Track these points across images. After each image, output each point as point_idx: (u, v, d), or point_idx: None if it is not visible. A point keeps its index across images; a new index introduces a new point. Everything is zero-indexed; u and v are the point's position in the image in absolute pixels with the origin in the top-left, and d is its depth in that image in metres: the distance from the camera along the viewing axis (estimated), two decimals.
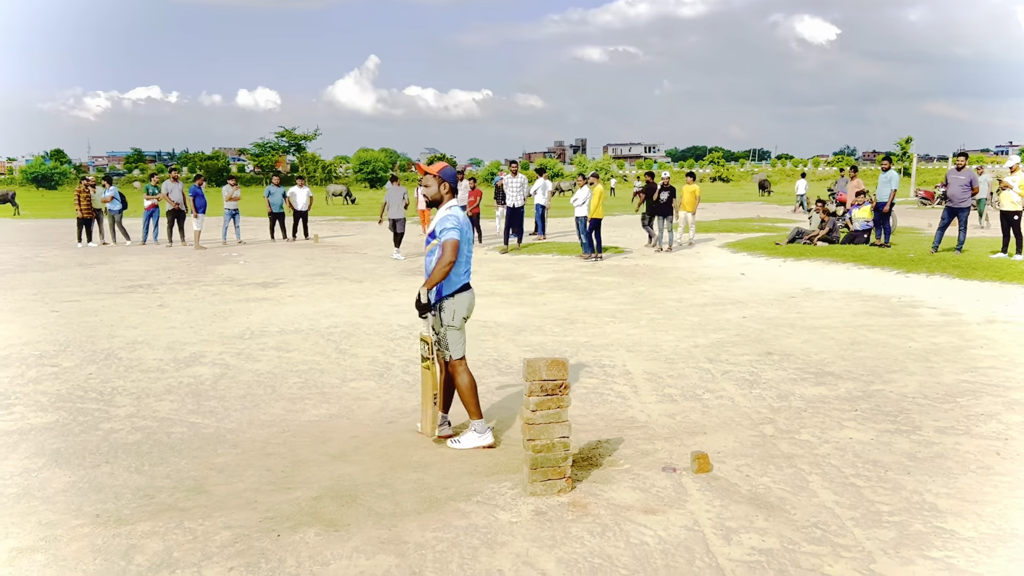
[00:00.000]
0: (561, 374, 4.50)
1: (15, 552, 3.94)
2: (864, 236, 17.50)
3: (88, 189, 20.84)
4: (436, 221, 5.38)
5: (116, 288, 13.00)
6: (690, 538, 4.04)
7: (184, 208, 20.98)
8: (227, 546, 3.98)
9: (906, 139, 78.94)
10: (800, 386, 6.86)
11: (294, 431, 5.83)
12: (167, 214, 20.91)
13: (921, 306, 10.57)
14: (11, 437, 5.68)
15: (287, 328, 9.53)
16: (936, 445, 5.38)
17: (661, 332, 9.15)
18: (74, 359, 7.99)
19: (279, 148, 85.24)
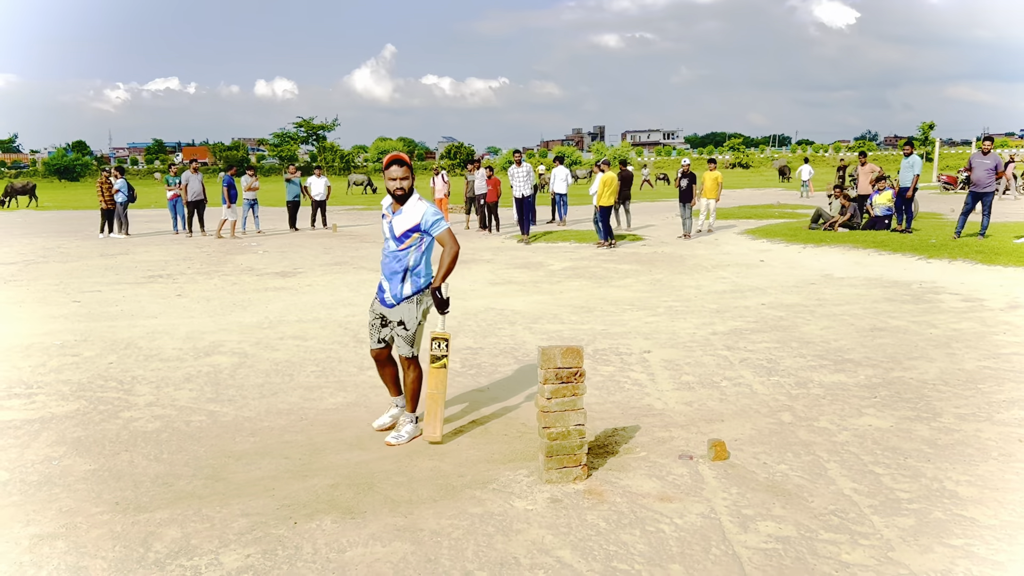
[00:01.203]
0: (576, 362, 4.48)
1: (37, 539, 3.98)
2: (885, 222, 17.34)
3: (109, 180, 20.99)
4: (410, 215, 5.17)
5: (136, 278, 13.10)
6: (706, 526, 4.02)
7: (204, 199, 21.10)
8: (244, 533, 4.01)
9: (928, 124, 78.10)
10: (819, 373, 6.81)
11: (311, 419, 5.86)
12: (187, 204, 21.02)
13: (943, 292, 10.46)
14: (33, 425, 5.74)
15: (305, 317, 9.57)
16: (957, 432, 5.32)
17: (679, 319, 9.11)
18: (95, 348, 8.07)
19: (297, 138, 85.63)
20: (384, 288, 5.32)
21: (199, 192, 20.96)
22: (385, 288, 5.31)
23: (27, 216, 30.46)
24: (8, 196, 35.95)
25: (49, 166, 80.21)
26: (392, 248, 5.26)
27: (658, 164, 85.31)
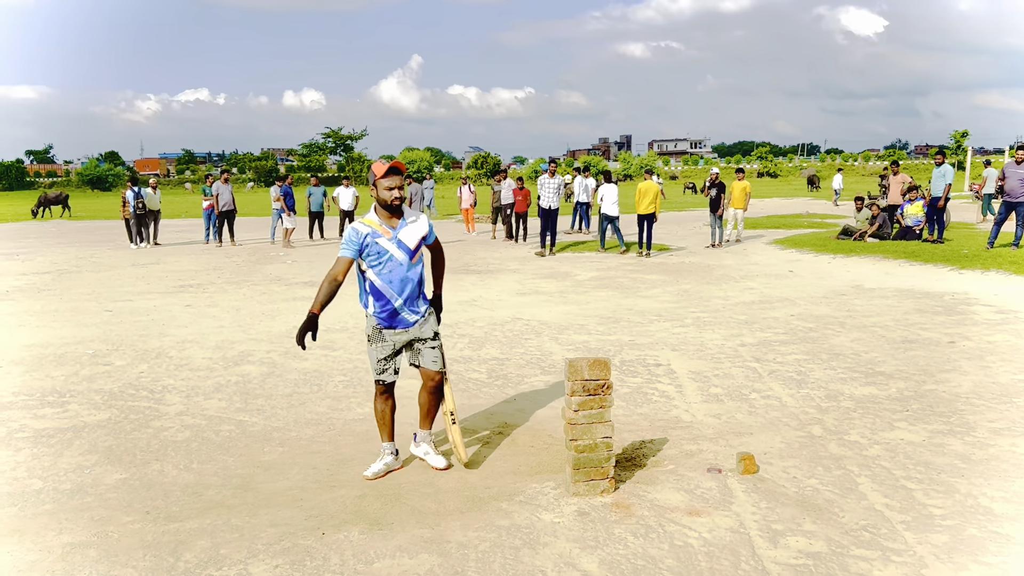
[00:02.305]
0: (604, 374, 4.47)
1: (69, 547, 4.03)
2: (916, 232, 17.14)
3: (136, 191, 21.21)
4: (417, 226, 4.90)
5: (167, 288, 13.25)
6: (735, 540, 3.98)
7: (234, 209, 21.30)
8: (273, 543, 4.03)
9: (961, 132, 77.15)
10: (849, 386, 6.73)
11: (339, 429, 5.89)
12: (218, 215, 21.22)
13: (976, 304, 10.31)
14: (66, 434, 5.82)
15: (333, 327, 9.62)
16: (991, 447, 5.23)
17: (707, 330, 9.05)
18: (126, 358, 8.17)
19: (326, 148, 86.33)
20: (398, 310, 4.85)
21: (229, 202, 21.17)
22: (400, 309, 4.86)
23: (61, 226, 30.94)
24: (41, 206, 36.55)
25: (82, 176, 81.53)
26: (405, 263, 4.82)
27: (685, 173, 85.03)
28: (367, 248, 4.79)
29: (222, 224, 21.30)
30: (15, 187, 77.75)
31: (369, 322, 4.93)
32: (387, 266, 4.81)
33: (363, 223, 4.85)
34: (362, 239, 4.78)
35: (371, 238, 4.79)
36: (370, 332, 4.94)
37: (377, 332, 4.91)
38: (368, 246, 4.78)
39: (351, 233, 4.81)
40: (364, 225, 4.83)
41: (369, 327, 4.94)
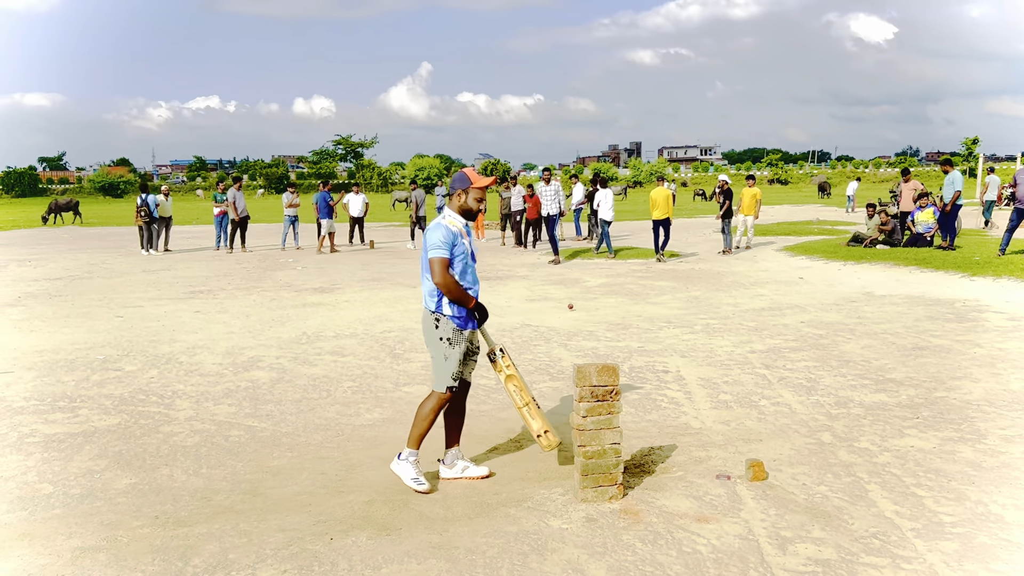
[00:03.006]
0: (612, 380, 4.47)
1: (79, 551, 4.05)
2: (927, 239, 17.06)
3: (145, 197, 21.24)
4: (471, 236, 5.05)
5: (178, 294, 13.31)
6: (744, 547, 3.97)
7: (248, 215, 21.35)
8: (281, 548, 4.03)
9: (972, 139, 76.80)
10: (859, 393, 6.70)
11: (348, 435, 5.90)
12: (232, 222, 21.26)
13: (987, 311, 10.25)
14: (76, 439, 5.84)
15: (342, 333, 9.64)
16: (1003, 454, 5.20)
17: (716, 337, 9.03)
18: (137, 363, 8.20)
19: (336, 156, 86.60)
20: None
21: (244, 208, 21.23)
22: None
23: (72, 232, 31.14)
24: (52, 213, 36.78)
25: (94, 183, 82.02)
26: (474, 267, 4.93)
27: (695, 180, 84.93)
28: (455, 248, 4.77)
29: (235, 231, 21.34)
30: (28, 194, 78.26)
31: (447, 324, 4.80)
32: (468, 267, 4.84)
33: (451, 224, 4.81)
34: (454, 239, 4.77)
35: (459, 239, 4.80)
36: (451, 334, 4.79)
37: (459, 333, 4.82)
38: (458, 246, 4.78)
39: (446, 233, 4.74)
40: (454, 226, 4.81)
41: (448, 330, 4.79)
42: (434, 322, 4.81)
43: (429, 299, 4.83)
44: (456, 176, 4.92)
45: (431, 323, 4.83)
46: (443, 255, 4.69)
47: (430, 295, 4.81)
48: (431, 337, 4.84)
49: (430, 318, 4.84)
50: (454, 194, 4.87)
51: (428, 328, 4.86)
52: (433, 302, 4.81)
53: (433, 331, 4.81)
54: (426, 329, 4.89)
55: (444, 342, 4.79)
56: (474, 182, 4.84)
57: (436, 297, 4.79)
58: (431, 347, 4.87)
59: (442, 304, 4.79)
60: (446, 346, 4.79)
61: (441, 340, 4.79)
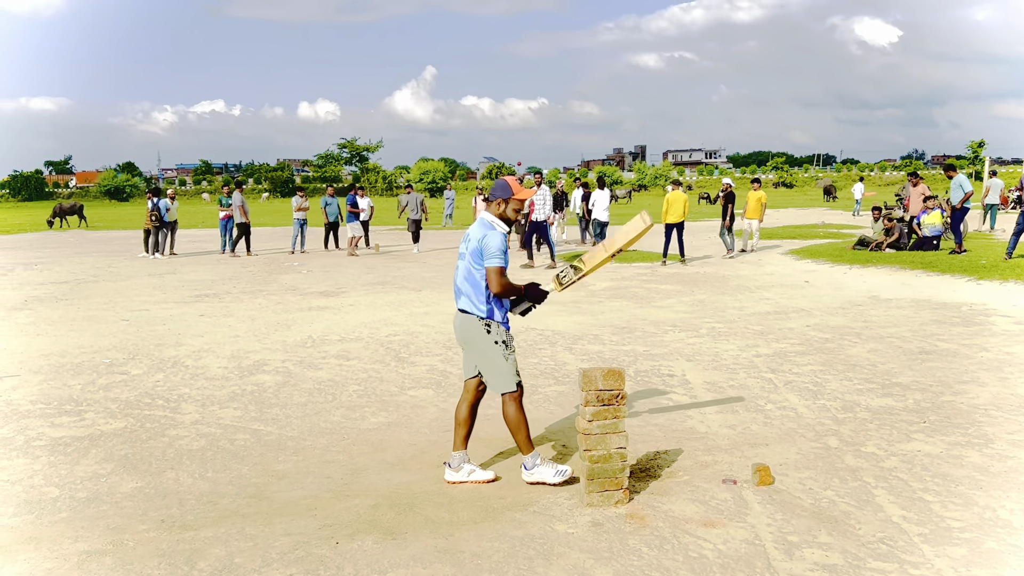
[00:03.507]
0: (618, 384, 4.46)
1: (85, 555, 4.05)
2: (933, 242, 17.02)
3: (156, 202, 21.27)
4: None
5: (183, 297, 13.34)
6: (751, 552, 3.96)
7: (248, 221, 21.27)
8: (287, 552, 4.03)
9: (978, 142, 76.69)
10: (866, 397, 6.68)
11: (353, 439, 5.90)
12: (239, 226, 21.20)
13: (994, 314, 10.22)
14: (83, 443, 5.85)
15: (348, 336, 9.65)
16: (1010, 459, 5.18)
17: (722, 341, 9.02)
18: (142, 367, 8.22)
19: (341, 159, 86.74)
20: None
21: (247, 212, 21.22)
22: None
23: (78, 236, 31.22)
24: (57, 216, 36.88)
25: (100, 187, 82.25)
26: None
27: (700, 183, 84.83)
28: (505, 254, 4.82)
29: (240, 236, 21.30)
30: (34, 197, 78.52)
31: (499, 329, 4.84)
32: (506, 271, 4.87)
33: (501, 230, 4.86)
34: (505, 245, 4.82)
35: (506, 245, 4.85)
36: (505, 337, 4.85)
37: (510, 336, 4.91)
38: (505, 252, 4.82)
39: (502, 241, 4.78)
40: (502, 232, 4.86)
41: (501, 333, 4.84)
42: (484, 328, 4.81)
43: (475, 305, 4.82)
44: (498, 184, 4.92)
45: (480, 329, 4.82)
46: (501, 264, 4.73)
47: (477, 301, 4.81)
48: (483, 342, 4.83)
49: (478, 324, 4.83)
50: (494, 201, 4.88)
51: (476, 334, 4.84)
52: (484, 309, 4.81)
53: (485, 336, 4.82)
54: (472, 335, 4.86)
55: (500, 345, 4.83)
56: (515, 193, 4.85)
57: (487, 304, 4.81)
58: (484, 352, 4.85)
59: (493, 311, 4.82)
60: (503, 349, 4.84)
61: (496, 344, 4.82)
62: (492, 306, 4.82)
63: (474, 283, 4.81)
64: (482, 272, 4.76)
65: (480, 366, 4.91)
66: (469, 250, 4.82)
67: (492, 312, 4.82)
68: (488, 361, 4.85)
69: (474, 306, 4.82)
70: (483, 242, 4.74)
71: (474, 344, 4.88)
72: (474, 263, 4.78)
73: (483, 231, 4.79)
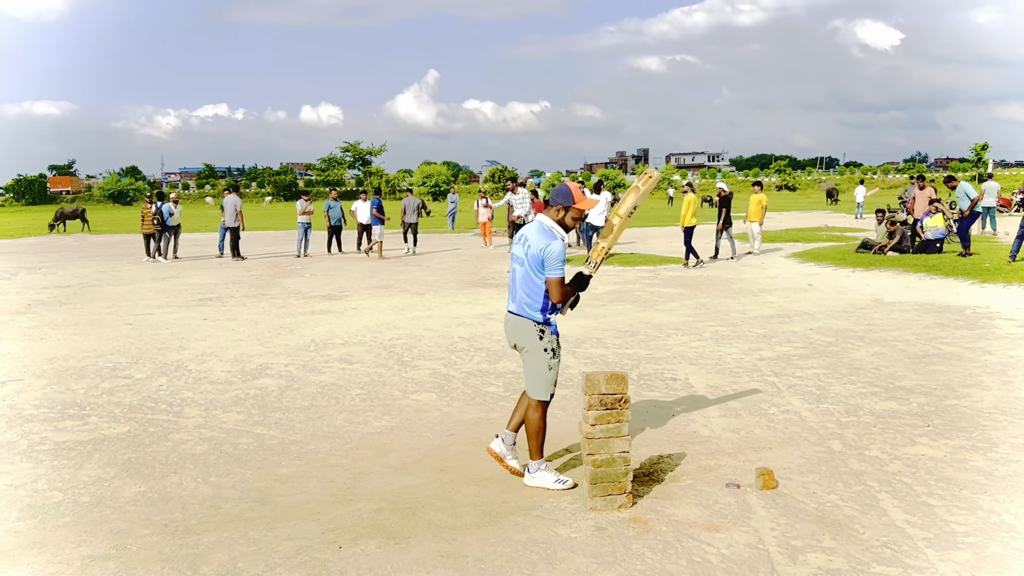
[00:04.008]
0: (621, 388, 4.46)
1: (88, 559, 4.05)
2: (936, 245, 17.01)
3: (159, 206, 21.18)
4: None
5: (187, 301, 13.35)
6: (754, 556, 3.95)
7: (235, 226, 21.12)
8: (290, 557, 4.03)
9: (981, 145, 76.65)
10: (870, 400, 6.67)
11: (356, 443, 5.90)
12: (229, 229, 21.08)
13: (998, 317, 10.20)
14: (86, 447, 5.86)
15: (351, 340, 9.65)
16: (1015, 463, 5.17)
17: (725, 344, 9.01)
18: (146, 371, 8.22)
19: (344, 163, 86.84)
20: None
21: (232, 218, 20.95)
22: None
23: (81, 240, 31.28)
24: (59, 221, 36.95)
25: (104, 191, 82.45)
26: None
27: (703, 187, 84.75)
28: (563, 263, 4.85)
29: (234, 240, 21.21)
30: (38, 201, 78.70)
31: (551, 337, 4.88)
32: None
33: (560, 235, 4.87)
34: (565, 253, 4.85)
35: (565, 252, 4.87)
36: (555, 345, 4.89)
37: (559, 345, 4.95)
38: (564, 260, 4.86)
39: (563, 249, 4.80)
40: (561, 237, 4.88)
41: (553, 341, 4.88)
42: (538, 333, 4.84)
43: (531, 311, 4.84)
44: (559, 190, 4.93)
45: (534, 333, 4.85)
46: (563, 275, 4.76)
47: (533, 307, 4.83)
48: (533, 346, 4.85)
49: (532, 328, 4.85)
50: (554, 207, 4.89)
51: (528, 337, 4.87)
52: (540, 314, 4.84)
53: (537, 341, 4.84)
54: (524, 337, 4.90)
55: (548, 353, 4.85)
56: (576, 202, 4.87)
57: (544, 310, 4.83)
58: (531, 355, 4.88)
59: (549, 317, 4.86)
60: (550, 357, 4.86)
61: (546, 351, 4.85)
62: (546, 313, 4.85)
63: (532, 289, 4.82)
64: (543, 280, 4.78)
65: (524, 367, 4.95)
66: (528, 256, 4.81)
67: (547, 318, 4.86)
68: (533, 366, 4.88)
69: (530, 311, 4.86)
70: (546, 252, 4.74)
71: (525, 347, 4.92)
72: (534, 271, 4.79)
73: (545, 240, 4.78)
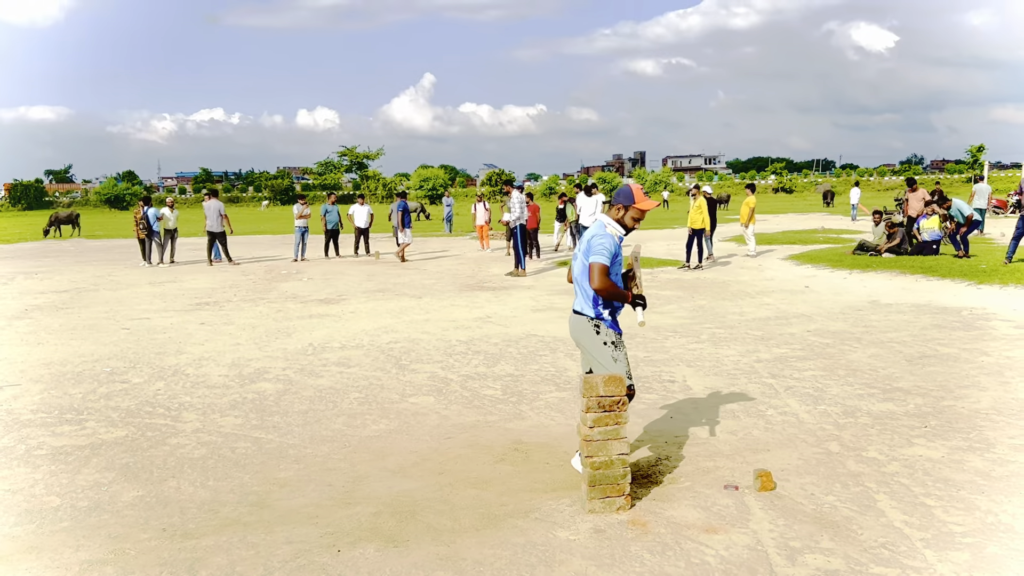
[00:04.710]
0: (619, 390, 4.46)
1: (86, 564, 4.05)
2: (933, 247, 17.05)
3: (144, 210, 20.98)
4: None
5: (184, 306, 13.34)
6: (752, 558, 3.95)
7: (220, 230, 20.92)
8: (289, 561, 4.03)
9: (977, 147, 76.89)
10: (867, 402, 6.68)
11: (354, 446, 5.89)
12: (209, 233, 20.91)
13: (994, 319, 10.22)
14: (83, 452, 5.85)
15: (348, 344, 9.65)
16: (1012, 463, 5.18)
17: (723, 347, 9.01)
18: (143, 375, 8.22)
19: (341, 167, 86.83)
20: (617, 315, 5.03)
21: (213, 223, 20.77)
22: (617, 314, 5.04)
23: (78, 244, 31.23)
24: (53, 225, 36.89)
25: (100, 196, 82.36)
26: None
27: None
28: (616, 257, 4.84)
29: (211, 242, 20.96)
30: (35, 206, 78.58)
31: (608, 331, 4.88)
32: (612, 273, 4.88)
33: (615, 233, 4.89)
34: (616, 248, 4.84)
35: (617, 248, 4.88)
36: (614, 338, 4.89)
37: (620, 338, 4.94)
38: (617, 256, 4.86)
39: (611, 243, 4.81)
40: (616, 235, 4.89)
41: (611, 335, 4.88)
42: (594, 328, 4.87)
43: (588, 305, 4.88)
44: (621, 190, 4.97)
45: (590, 329, 4.88)
46: (604, 262, 4.75)
47: (587, 301, 4.87)
48: (592, 343, 4.88)
49: (588, 324, 4.89)
50: (615, 206, 4.92)
51: (586, 334, 4.91)
52: (592, 308, 4.87)
53: (595, 337, 4.87)
54: (581, 335, 4.93)
55: (609, 346, 4.87)
56: (637, 202, 4.89)
57: (596, 303, 4.86)
58: (594, 353, 4.90)
59: (602, 311, 4.86)
60: (612, 349, 4.87)
61: (605, 344, 4.86)
62: (599, 307, 4.86)
63: (586, 283, 4.86)
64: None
65: (592, 366, 4.95)
66: (582, 251, 4.90)
67: (601, 313, 4.87)
68: (597, 362, 4.90)
69: (585, 306, 4.90)
70: (592, 239, 4.81)
71: (584, 344, 4.95)
72: (585, 261, 4.84)
73: (597, 230, 4.86)
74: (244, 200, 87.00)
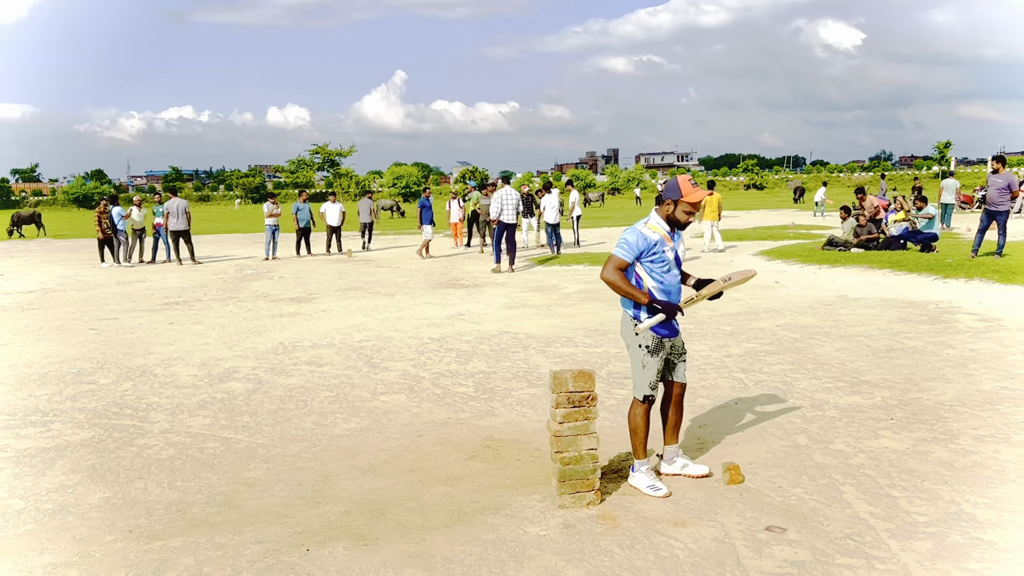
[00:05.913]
0: (588, 386, 4.47)
1: (51, 567, 4.00)
2: (901, 242, 17.26)
3: (107, 210, 20.65)
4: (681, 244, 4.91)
5: (153, 306, 13.19)
6: (721, 550, 3.98)
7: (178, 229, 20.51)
8: (257, 560, 4.00)
9: (945, 143, 77.98)
10: (834, 395, 6.76)
11: (324, 445, 5.87)
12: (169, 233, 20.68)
13: (959, 312, 10.38)
14: (48, 454, 5.77)
15: (319, 343, 9.60)
16: (975, 454, 5.26)
17: (693, 342, 9.07)
18: (110, 376, 8.12)
19: (313, 165, 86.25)
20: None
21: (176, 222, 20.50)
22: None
23: (45, 244, 30.78)
24: (15, 226, 36.34)
25: (68, 195, 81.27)
26: (678, 274, 4.86)
27: None
28: (656, 256, 4.73)
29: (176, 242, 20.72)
30: (1, 206, 77.35)
31: (646, 333, 4.76)
32: (670, 274, 4.79)
33: (653, 230, 4.76)
34: (652, 245, 4.71)
35: (660, 247, 4.74)
36: (651, 344, 4.77)
37: (659, 342, 4.80)
38: (657, 253, 4.73)
39: (637, 238, 4.71)
40: (654, 232, 4.76)
41: (648, 339, 4.77)
42: (632, 326, 4.82)
43: (626, 303, 4.85)
44: (670, 184, 4.85)
45: (630, 327, 4.85)
46: (621, 256, 4.70)
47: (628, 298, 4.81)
48: (630, 341, 4.86)
49: (629, 322, 4.86)
50: (664, 202, 4.80)
51: (626, 331, 4.90)
52: (632, 308, 4.83)
53: (633, 337, 4.83)
54: (625, 332, 4.92)
55: (643, 349, 4.80)
56: (685, 195, 4.71)
57: (635, 306, 4.80)
58: (630, 351, 4.90)
59: (639, 310, 4.78)
60: (644, 353, 4.80)
61: (640, 347, 4.81)
62: (638, 309, 4.77)
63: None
64: (633, 270, 4.77)
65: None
66: None
67: (638, 316, 4.78)
68: (632, 360, 4.89)
69: (625, 304, 4.87)
70: (624, 233, 4.78)
71: (625, 340, 4.94)
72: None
73: (631, 227, 4.82)
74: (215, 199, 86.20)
